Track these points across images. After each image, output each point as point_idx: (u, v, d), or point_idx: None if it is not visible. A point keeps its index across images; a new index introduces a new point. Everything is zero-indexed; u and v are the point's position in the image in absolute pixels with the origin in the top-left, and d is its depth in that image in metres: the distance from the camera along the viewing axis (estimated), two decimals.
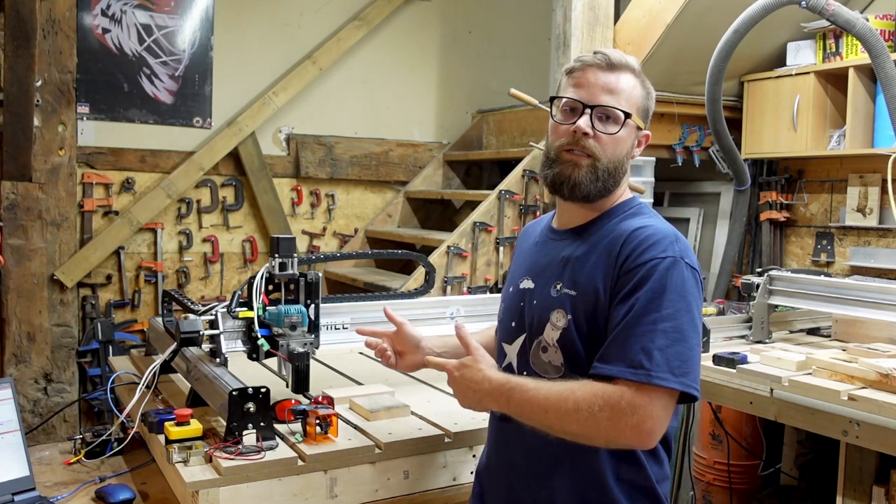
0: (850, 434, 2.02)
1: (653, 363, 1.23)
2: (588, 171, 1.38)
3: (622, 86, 1.39)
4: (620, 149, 1.40)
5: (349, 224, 4.46)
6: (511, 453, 1.46)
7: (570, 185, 1.38)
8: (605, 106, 1.37)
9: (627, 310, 1.27)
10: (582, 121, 1.37)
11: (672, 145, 3.97)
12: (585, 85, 1.38)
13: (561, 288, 1.39)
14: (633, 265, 1.30)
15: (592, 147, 1.37)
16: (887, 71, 2.85)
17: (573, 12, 3.45)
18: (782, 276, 2.65)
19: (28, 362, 3.49)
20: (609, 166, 1.38)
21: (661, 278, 1.28)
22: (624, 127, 1.38)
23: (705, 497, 3.46)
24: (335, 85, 4.35)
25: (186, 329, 1.76)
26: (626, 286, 1.29)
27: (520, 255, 1.59)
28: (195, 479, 1.43)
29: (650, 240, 1.32)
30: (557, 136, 1.41)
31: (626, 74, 1.40)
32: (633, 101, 1.40)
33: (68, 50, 3.54)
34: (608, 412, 1.22)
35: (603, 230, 1.41)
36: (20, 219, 3.47)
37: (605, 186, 1.39)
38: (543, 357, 1.40)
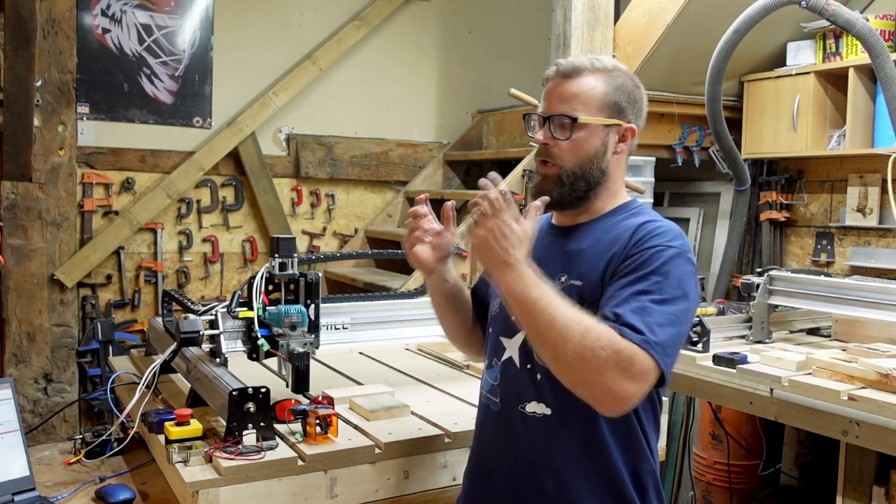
0: (850, 434, 2.02)
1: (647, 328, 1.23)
2: (554, 180, 1.43)
3: (577, 90, 1.42)
4: (584, 151, 1.42)
5: (349, 224, 4.46)
6: (510, 447, 1.44)
7: (543, 194, 1.43)
8: (555, 115, 1.42)
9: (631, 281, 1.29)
10: (540, 133, 1.44)
11: (672, 145, 3.97)
12: (547, 97, 1.46)
13: (567, 280, 1.40)
14: (639, 249, 1.33)
15: (556, 155, 1.43)
16: (887, 71, 2.85)
17: (573, 12, 3.45)
18: (782, 276, 2.65)
19: (28, 362, 3.49)
20: (575, 170, 1.42)
21: (664, 264, 1.30)
22: (578, 130, 1.41)
23: (705, 497, 3.46)
24: (335, 85, 4.35)
25: (186, 329, 1.76)
26: (629, 263, 1.32)
27: None
28: (195, 479, 1.43)
29: (657, 231, 1.35)
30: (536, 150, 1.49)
31: (584, 77, 1.42)
32: (591, 100, 1.41)
33: (68, 50, 3.54)
34: (610, 352, 1.20)
35: (607, 225, 1.43)
36: (20, 219, 3.47)
37: (574, 189, 1.43)
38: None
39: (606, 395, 1.21)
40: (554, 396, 1.38)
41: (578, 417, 1.36)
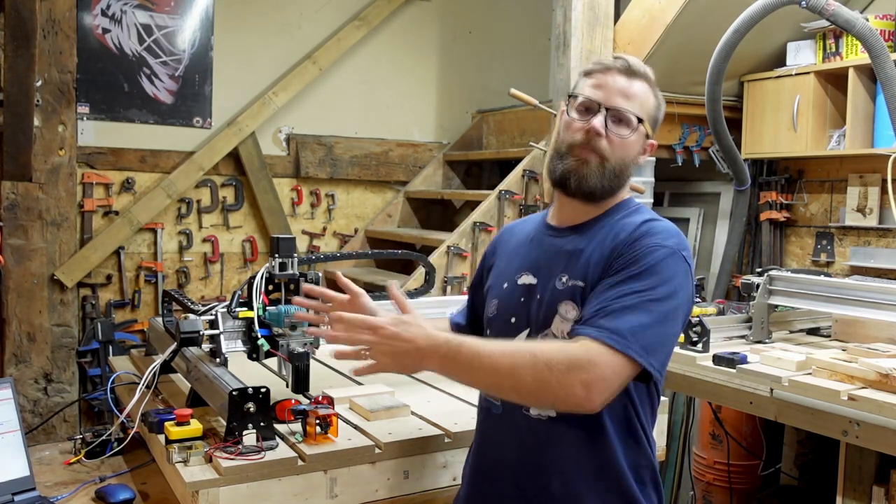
0: (850, 434, 2.02)
1: (631, 334, 1.24)
2: (596, 169, 1.41)
3: (637, 92, 1.43)
4: (629, 152, 1.43)
5: (349, 224, 4.46)
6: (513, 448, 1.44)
7: (576, 179, 1.41)
8: (620, 108, 1.41)
9: (619, 280, 1.31)
10: (596, 120, 1.40)
11: (672, 145, 3.97)
12: (603, 86, 1.42)
13: (567, 280, 1.40)
14: (633, 247, 1.34)
15: (603, 147, 1.40)
16: (887, 71, 2.85)
17: (573, 12, 3.45)
18: (782, 276, 2.66)
19: (28, 362, 3.49)
20: (616, 168, 1.42)
21: (654, 262, 1.31)
22: (635, 132, 1.42)
23: (705, 497, 3.46)
24: (335, 85, 4.35)
25: (186, 329, 1.77)
26: (620, 261, 1.33)
27: (509, 252, 1.58)
28: (195, 479, 1.43)
29: (653, 230, 1.37)
30: (570, 132, 1.43)
31: (642, 82, 1.44)
32: (646, 108, 1.44)
33: (68, 50, 3.54)
34: (566, 365, 1.21)
35: (607, 225, 1.43)
36: (20, 219, 3.47)
37: (610, 186, 1.43)
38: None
39: (578, 397, 1.22)
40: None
41: (581, 417, 1.36)
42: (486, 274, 1.63)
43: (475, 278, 1.70)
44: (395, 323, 1.27)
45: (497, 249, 1.64)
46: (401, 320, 1.29)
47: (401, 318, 1.29)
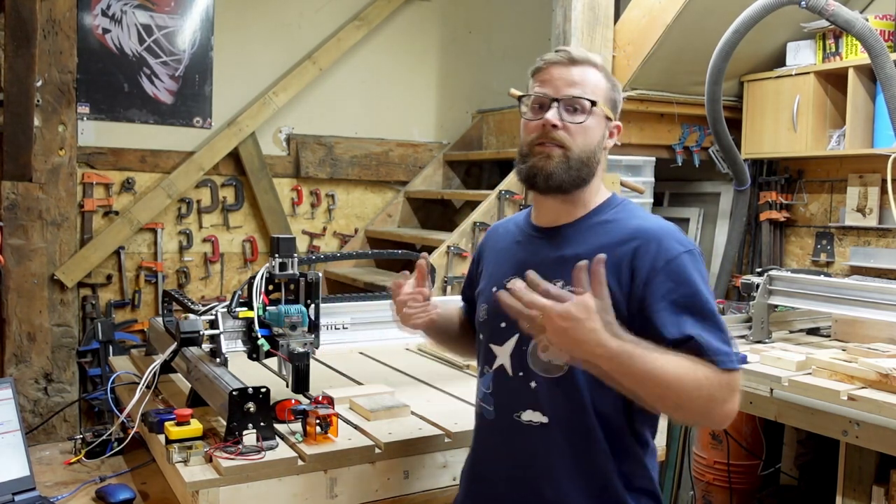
0: (850, 434, 2.02)
1: (731, 349, 1.28)
2: (560, 161, 1.40)
3: (585, 78, 1.42)
4: (590, 138, 1.42)
5: (349, 224, 4.46)
6: (506, 455, 1.43)
7: (543, 176, 1.40)
8: (570, 97, 1.40)
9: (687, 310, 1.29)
10: (550, 113, 1.40)
11: (672, 145, 3.97)
12: (550, 81, 1.43)
13: (564, 286, 1.34)
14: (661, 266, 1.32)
15: (562, 138, 1.40)
16: (887, 71, 2.85)
17: (573, 12, 3.45)
18: (782, 276, 2.66)
19: (28, 362, 3.49)
20: (581, 156, 1.41)
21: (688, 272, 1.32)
22: (591, 115, 1.41)
23: (705, 497, 3.46)
24: (335, 85, 4.35)
25: (186, 329, 1.77)
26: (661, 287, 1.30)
27: (497, 254, 1.56)
28: (195, 479, 1.43)
29: (662, 237, 1.35)
30: (528, 132, 1.44)
31: (589, 68, 1.44)
32: (599, 91, 1.43)
33: (68, 50, 3.54)
34: (723, 397, 1.24)
35: (599, 227, 1.42)
36: (20, 219, 3.47)
37: (578, 175, 1.41)
38: (543, 356, 1.38)
39: (724, 418, 1.27)
40: (550, 404, 1.37)
41: (574, 425, 1.36)
42: (476, 277, 1.62)
43: (466, 281, 1.71)
44: (584, 310, 1.17)
45: (485, 252, 1.63)
46: (587, 306, 1.17)
47: (588, 305, 1.18)
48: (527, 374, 1.40)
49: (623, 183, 3.67)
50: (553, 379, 1.37)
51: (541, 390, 1.38)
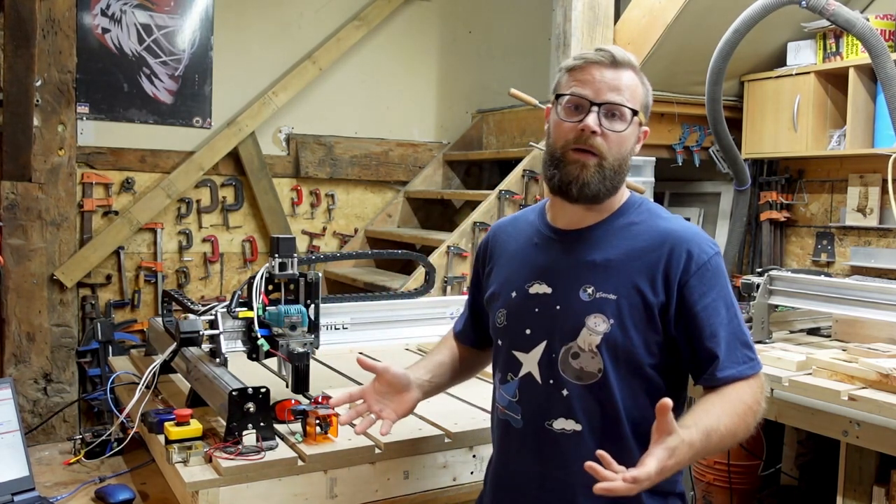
0: (851, 434, 2.02)
1: (753, 352, 1.36)
2: (596, 170, 1.34)
3: (626, 83, 1.36)
4: (626, 146, 1.37)
5: (349, 224, 4.46)
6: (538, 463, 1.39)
7: (578, 186, 1.34)
8: (613, 103, 1.34)
9: (714, 314, 1.34)
10: (590, 119, 1.33)
11: (672, 145, 3.97)
12: (590, 82, 1.35)
13: (594, 292, 1.35)
14: (696, 269, 1.35)
15: (600, 145, 1.34)
16: (887, 71, 2.84)
17: (573, 12, 3.45)
18: (782, 276, 2.65)
19: (28, 362, 3.49)
20: (615, 165, 1.36)
21: (717, 276, 1.37)
22: (630, 125, 1.36)
23: (705, 497, 3.46)
24: (335, 85, 4.35)
25: (186, 329, 1.76)
26: (698, 290, 1.34)
27: (509, 257, 1.51)
28: (195, 479, 1.43)
29: (692, 240, 1.38)
30: (562, 134, 1.36)
31: (629, 71, 1.37)
32: (637, 97, 1.37)
33: (68, 50, 3.53)
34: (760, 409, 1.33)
35: (625, 230, 1.39)
36: (20, 219, 3.47)
37: (612, 185, 1.37)
38: (574, 363, 1.35)
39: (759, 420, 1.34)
40: (584, 412, 1.35)
41: (608, 432, 1.34)
42: (484, 278, 1.56)
43: (472, 282, 1.64)
44: (672, 453, 1.18)
45: (493, 252, 1.56)
46: (672, 448, 1.18)
47: (672, 447, 1.18)
48: (557, 381, 1.37)
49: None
50: (586, 386, 1.35)
51: (573, 398, 1.35)
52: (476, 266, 1.62)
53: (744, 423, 1.29)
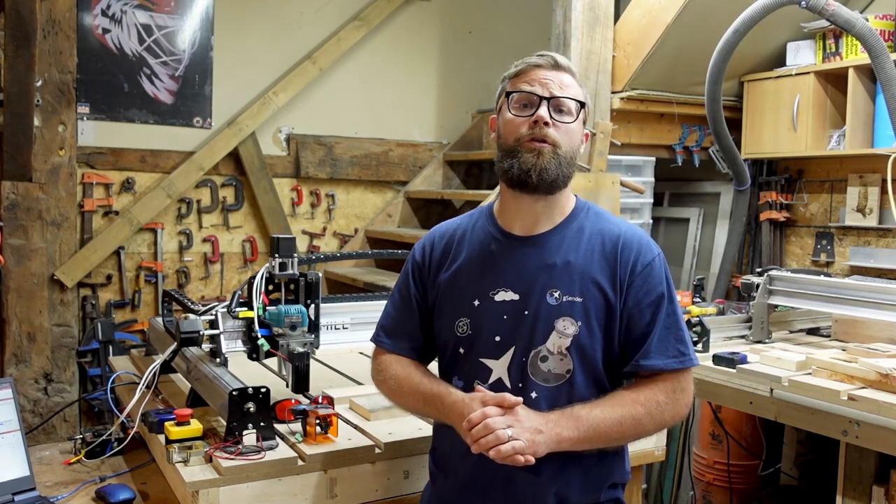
0: (850, 434, 2.02)
1: (686, 348, 1.42)
2: (552, 156, 1.40)
3: (568, 83, 1.45)
4: (575, 139, 1.45)
5: (349, 224, 4.46)
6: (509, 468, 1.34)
7: (537, 172, 1.39)
8: (561, 97, 1.42)
9: (654, 310, 1.41)
10: (542, 110, 1.41)
11: (672, 145, 3.97)
12: (538, 80, 1.43)
13: (561, 295, 1.40)
14: (641, 269, 1.42)
15: (553, 135, 1.41)
16: (887, 71, 2.85)
17: (573, 12, 3.45)
18: (782, 276, 2.66)
19: (28, 362, 3.49)
20: (568, 155, 1.43)
21: (662, 274, 1.45)
22: (575, 118, 1.44)
23: (705, 497, 3.46)
24: (335, 85, 4.35)
25: (186, 329, 1.77)
26: (643, 289, 1.42)
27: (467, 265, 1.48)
28: (195, 479, 1.44)
29: (639, 242, 1.45)
30: (514, 129, 1.43)
31: (569, 75, 1.47)
32: (579, 97, 1.46)
33: (68, 50, 3.53)
34: (668, 400, 1.39)
35: (582, 233, 1.45)
36: (20, 219, 3.47)
37: (566, 174, 1.43)
38: (542, 366, 1.39)
39: (683, 416, 1.43)
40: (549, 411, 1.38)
41: None
42: (429, 286, 1.52)
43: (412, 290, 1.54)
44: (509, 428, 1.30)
45: (438, 259, 1.52)
46: (516, 410, 1.33)
47: (520, 417, 1.32)
48: (527, 384, 1.40)
49: (623, 183, 3.67)
50: (554, 387, 1.40)
51: (541, 399, 1.39)
52: (413, 274, 1.55)
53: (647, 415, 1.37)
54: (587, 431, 1.33)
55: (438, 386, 1.45)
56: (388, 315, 1.58)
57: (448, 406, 1.40)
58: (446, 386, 1.45)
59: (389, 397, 1.55)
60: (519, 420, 1.30)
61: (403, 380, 1.50)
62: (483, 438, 1.28)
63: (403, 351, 1.54)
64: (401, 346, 1.54)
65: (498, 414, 1.30)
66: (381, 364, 1.54)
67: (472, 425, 1.30)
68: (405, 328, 1.54)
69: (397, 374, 1.51)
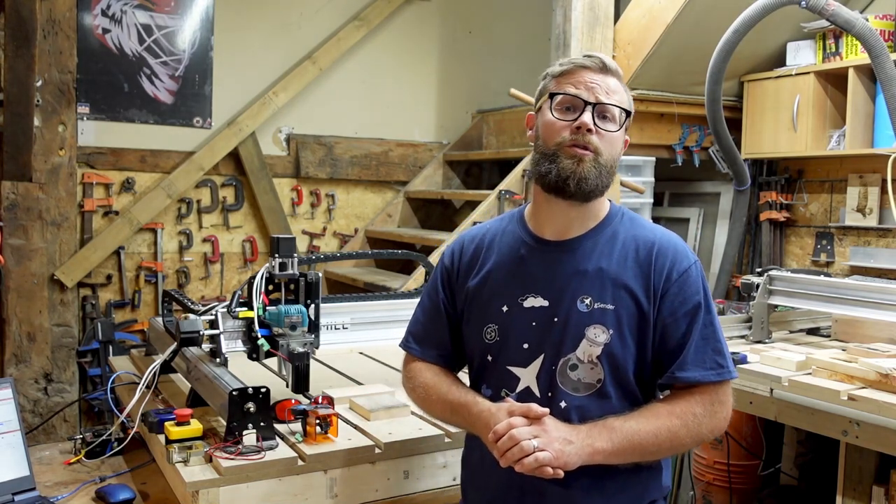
0: (850, 434, 2.02)
1: (725, 360, 1.37)
2: (593, 165, 1.35)
3: (615, 88, 1.39)
4: (616, 148, 1.40)
5: (349, 224, 4.46)
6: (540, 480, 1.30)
7: (576, 180, 1.35)
8: (607, 104, 1.37)
9: (691, 319, 1.36)
10: (585, 116, 1.35)
11: (672, 145, 3.97)
12: (583, 83, 1.38)
13: (592, 302, 1.36)
14: (677, 277, 1.38)
15: (595, 142, 1.36)
16: (887, 71, 2.85)
17: (573, 12, 3.45)
18: (782, 276, 2.66)
19: (28, 362, 3.49)
20: (609, 164, 1.38)
21: (699, 283, 1.40)
22: (621, 127, 1.39)
23: (705, 497, 3.46)
24: (335, 85, 4.35)
25: (186, 329, 1.76)
26: (679, 297, 1.37)
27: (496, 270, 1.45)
28: (195, 479, 1.43)
29: (675, 249, 1.40)
30: (555, 132, 1.37)
31: (617, 80, 1.41)
32: (624, 103, 1.40)
33: (68, 50, 3.53)
34: (706, 412, 1.34)
35: (616, 239, 1.41)
36: (20, 219, 3.47)
37: (605, 183, 1.38)
38: (572, 375, 1.36)
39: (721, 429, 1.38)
40: (581, 422, 1.34)
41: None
42: (458, 292, 1.50)
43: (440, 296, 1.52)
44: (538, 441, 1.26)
45: (467, 264, 1.50)
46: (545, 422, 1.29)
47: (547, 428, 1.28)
48: (556, 393, 1.36)
49: (623, 183, 3.67)
50: (584, 397, 1.35)
51: (571, 409, 1.35)
52: (444, 278, 1.53)
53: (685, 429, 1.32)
54: (622, 443, 1.28)
55: (466, 395, 1.42)
56: (417, 321, 1.57)
57: (475, 416, 1.36)
58: (474, 395, 1.41)
59: (419, 405, 1.53)
60: (546, 430, 1.26)
61: (432, 388, 1.47)
62: (509, 451, 1.24)
63: (432, 358, 1.52)
64: (429, 352, 1.52)
65: (524, 424, 1.27)
66: (411, 372, 1.54)
67: (497, 437, 1.26)
68: (434, 335, 1.53)
69: (426, 382, 1.49)
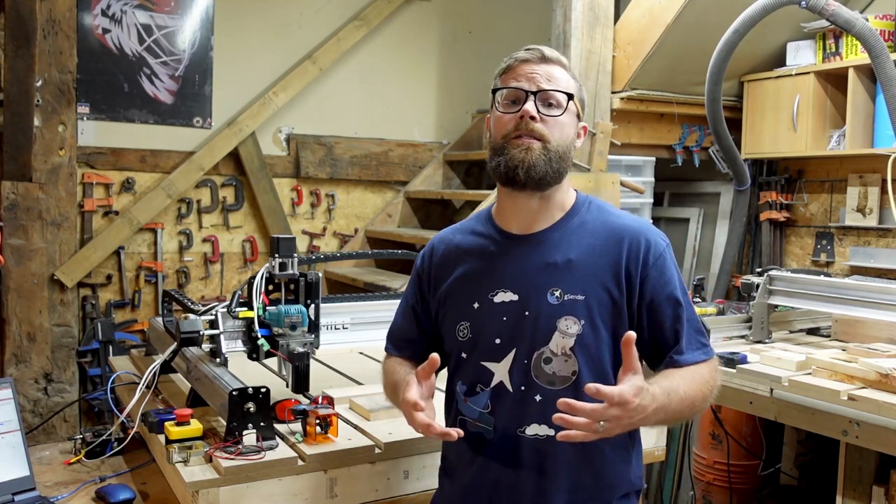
0: (850, 434, 2.02)
1: (706, 339, 1.43)
2: (540, 152, 1.37)
3: (558, 76, 1.42)
4: (566, 133, 1.41)
5: (349, 224, 4.46)
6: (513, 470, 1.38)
7: (524, 168, 1.36)
8: (548, 90, 1.39)
9: (675, 302, 1.39)
10: (528, 105, 1.38)
11: (672, 145, 3.97)
12: (524, 75, 1.41)
13: (562, 294, 1.36)
14: (654, 261, 1.39)
15: (541, 130, 1.38)
16: (887, 71, 2.85)
17: (573, 12, 3.45)
18: (782, 276, 2.66)
19: (28, 362, 3.49)
20: (559, 150, 1.39)
21: (672, 266, 1.42)
22: (567, 111, 1.40)
23: (705, 497, 3.46)
24: (335, 85, 4.35)
25: (186, 329, 1.76)
26: (660, 281, 1.39)
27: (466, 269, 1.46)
28: (195, 479, 1.44)
29: (646, 234, 1.41)
30: (502, 126, 1.41)
31: (559, 67, 1.43)
32: (572, 88, 1.42)
33: (68, 50, 3.53)
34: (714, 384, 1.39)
35: (584, 229, 1.41)
36: (20, 219, 3.46)
37: (558, 170, 1.39)
38: (547, 368, 1.36)
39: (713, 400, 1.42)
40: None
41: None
42: (430, 294, 1.51)
43: (412, 299, 1.56)
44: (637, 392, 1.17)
45: (439, 265, 1.51)
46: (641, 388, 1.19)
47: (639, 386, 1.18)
48: (530, 387, 1.37)
49: (623, 183, 3.67)
50: (561, 390, 1.35)
51: (547, 402, 1.34)
52: (418, 281, 1.55)
53: (700, 393, 1.34)
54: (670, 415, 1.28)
55: (403, 375, 1.46)
56: (395, 323, 1.61)
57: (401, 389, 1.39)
58: (408, 372, 1.45)
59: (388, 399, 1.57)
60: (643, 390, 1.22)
61: (388, 375, 1.54)
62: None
63: (405, 357, 1.56)
64: (403, 352, 1.56)
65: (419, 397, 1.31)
66: (383, 369, 1.58)
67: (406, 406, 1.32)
68: (408, 335, 1.57)
69: (386, 372, 1.55)
